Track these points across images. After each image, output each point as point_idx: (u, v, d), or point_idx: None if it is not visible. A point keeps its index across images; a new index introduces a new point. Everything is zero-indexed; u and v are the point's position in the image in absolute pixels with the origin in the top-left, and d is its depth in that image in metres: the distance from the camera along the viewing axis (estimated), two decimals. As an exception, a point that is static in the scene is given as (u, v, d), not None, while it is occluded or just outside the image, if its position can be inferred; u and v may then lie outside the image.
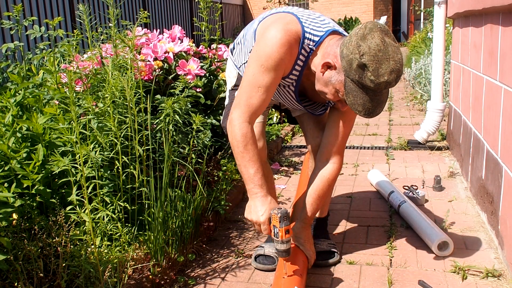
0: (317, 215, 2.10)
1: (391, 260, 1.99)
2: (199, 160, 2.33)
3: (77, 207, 1.74)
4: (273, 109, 4.50)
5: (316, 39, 1.63)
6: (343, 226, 2.34)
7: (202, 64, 2.89)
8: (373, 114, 1.59)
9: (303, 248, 1.87)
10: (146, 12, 2.26)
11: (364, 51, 1.48)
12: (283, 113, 4.65)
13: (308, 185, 1.90)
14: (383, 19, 14.92)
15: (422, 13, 13.11)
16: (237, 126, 1.64)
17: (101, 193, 1.83)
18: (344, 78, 1.56)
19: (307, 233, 1.91)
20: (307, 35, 1.62)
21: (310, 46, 1.64)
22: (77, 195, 1.72)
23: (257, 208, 1.66)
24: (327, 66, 1.59)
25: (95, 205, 1.78)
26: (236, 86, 1.97)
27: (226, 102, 2.04)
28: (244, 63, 1.86)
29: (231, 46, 2.00)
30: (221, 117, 2.91)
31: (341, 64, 1.55)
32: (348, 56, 1.51)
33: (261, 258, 1.97)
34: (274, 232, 1.64)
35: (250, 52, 1.76)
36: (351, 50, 1.50)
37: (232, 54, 1.98)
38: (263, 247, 2.00)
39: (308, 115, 2.03)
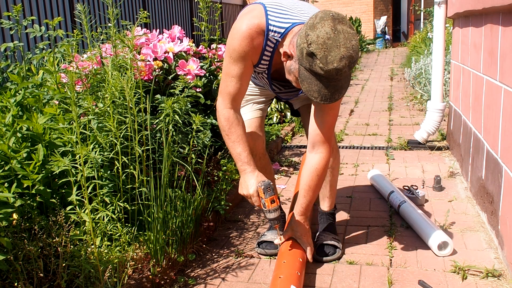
0: (324, 208, 2.17)
1: (391, 260, 1.99)
2: (199, 160, 2.33)
3: (77, 207, 1.74)
4: (273, 109, 4.52)
5: (281, 31, 1.70)
6: (343, 226, 2.34)
7: (201, 64, 2.89)
8: (331, 99, 1.62)
9: (300, 242, 1.92)
10: (146, 12, 2.26)
11: (312, 40, 1.52)
12: (283, 113, 4.63)
13: (300, 177, 1.95)
14: (383, 19, 14.92)
15: (422, 13, 13.12)
16: (220, 112, 1.82)
17: (101, 193, 1.83)
18: (298, 66, 1.62)
19: (304, 225, 1.95)
20: (271, 27, 1.70)
21: (275, 38, 1.72)
22: (77, 195, 1.72)
23: (246, 183, 1.83)
24: (287, 55, 1.66)
25: (95, 205, 1.78)
26: None
27: None
28: None
29: None
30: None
31: (296, 53, 1.61)
32: (300, 45, 1.56)
33: (264, 244, 2.08)
34: (262, 203, 1.81)
35: None
36: (301, 39, 1.56)
37: None
38: (265, 234, 2.13)
39: (307, 107, 2.08)
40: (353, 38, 1.54)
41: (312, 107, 1.87)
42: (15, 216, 1.62)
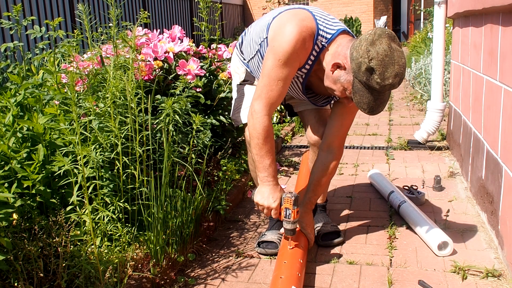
0: (319, 201, 2.28)
1: (391, 260, 1.99)
2: (199, 160, 2.33)
3: (77, 207, 1.74)
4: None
5: (329, 36, 1.74)
6: (343, 226, 2.34)
7: (202, 64, 2.89)
8: (376, 111, 1.71)
9: (304, 232, 2.02)
10: (146, 12, 2.26)
11: (373, 55, 1.59)
12: (283, 113, 4.64)
13: (310, 173, 2.05)
14: (383, 19, 14.90)
15: (422, 13, 13.12)
16: (259, 119, 1.77)
17: (101, 193, 1.83)
18: (353, 78, 1.67)
19: (309, 217, 2.05)
20: (320, 32, 1.73)
21: (323, 43, 1.75)
22: (77, 195, 1.72)
23: (270, 195, 1.85)
24: (337, 66, 1.70)
25: (95, 206, 1.78)
26: (244, 82, 2.08)
27: (234, 96, 2.14)
28: (252, 58, 1.95)
29: (237, 41, 2.10)
30: (221, 117, 2.93)
31: (350, 66, 1.66)
32: (358, 59, 1.62)
33: (264, 244, 2.10)
34: (286, 213, 1.83)
35: (258, 44, 1.86)
36: (360, 54, 1.61)
37: (239, 50, 2.08)
38: (265, 234, 2.14)
39: (310, 111, 2.15)
40: (403, 56, 1.64)
41: (334, 110, 1.98)
42: (15, 216, 1.62)
